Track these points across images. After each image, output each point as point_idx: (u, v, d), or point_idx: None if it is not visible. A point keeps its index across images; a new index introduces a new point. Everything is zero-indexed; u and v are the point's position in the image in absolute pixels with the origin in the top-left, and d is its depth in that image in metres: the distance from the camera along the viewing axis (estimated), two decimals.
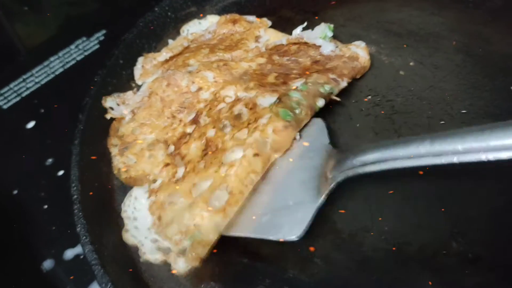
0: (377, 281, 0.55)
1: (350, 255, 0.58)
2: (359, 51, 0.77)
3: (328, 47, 0.77)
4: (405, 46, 0.78)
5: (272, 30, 0.85)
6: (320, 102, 0.70)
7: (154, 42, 0.88)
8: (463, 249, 0.55)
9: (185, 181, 0.64)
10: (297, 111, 0.67)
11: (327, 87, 0.71)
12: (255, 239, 0.60)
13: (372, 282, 0.55)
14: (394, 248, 0.57)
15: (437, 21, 0.80)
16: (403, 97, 0.71)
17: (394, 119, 0.69)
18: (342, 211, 0.62)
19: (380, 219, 0.60)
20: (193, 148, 0.68)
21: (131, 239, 0.63)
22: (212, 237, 0.59)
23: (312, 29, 0.81)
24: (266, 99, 0.69)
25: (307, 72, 0.74)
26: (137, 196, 0.68)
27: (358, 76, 0.76)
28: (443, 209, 0.59)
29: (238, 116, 0.69)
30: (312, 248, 0.59)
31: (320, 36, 0.79)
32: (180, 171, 0.67)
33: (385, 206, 0.61)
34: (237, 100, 0.71)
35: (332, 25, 0.81)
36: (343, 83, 0.73)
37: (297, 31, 0.82)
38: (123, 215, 0.66)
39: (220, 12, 0.93)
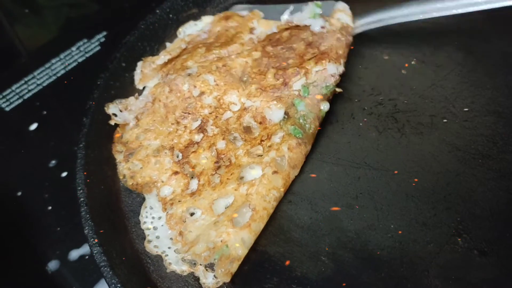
0: (384, 279, 0.56)
1: (357, 252, 0.58)
2: (346, 18, 0.79)
3: (317, 23, 0.78)
4: (406, 45, 0.79)
5: (264, 21, 0.85)
6: (325, 106, 0.71)
7: (156, 44, 0.89)
8: (468, 245, 0.56)
9: (203, 196, 0.65)
10: (306, 127, 0.69)
11: (328, 86, 0.72)
12: (262, 237, 0.61)
13: (379, 280, 0.56)
14: (400, 246, 0.58)
15: (437, 19, 0.81)
16: (405, 95, 0.72)
17: (396, 117, 0.70)
18: (348, 209, 0.62)
19: (386, 217, 0.60)
20: (204, 158, 0.69)
21: (154, 250, 0.63)
22: (241, 253, 0.59)
23: (302, 12, 0.81)
24: (274, 113, 0.70)
25: (304, 59, 0.74)
26: (152, 206, 0.68)
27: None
28: (448, 207, 0.60)
29: (247, 129, 0.70)
30: (318, 245, 0.60)
31: (310, 15, 0.79)
32: (194, 183, 0.67)
33: (391, 204, 0.61)
34: (243, 110, 0.72)
35: (319, 2, 0.81)
36: (341, 68, 0.74)
37: (285, 16, 0.82)
38: (143, 226, 0.66)
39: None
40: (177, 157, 0.71)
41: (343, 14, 0.79)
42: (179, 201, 0.66)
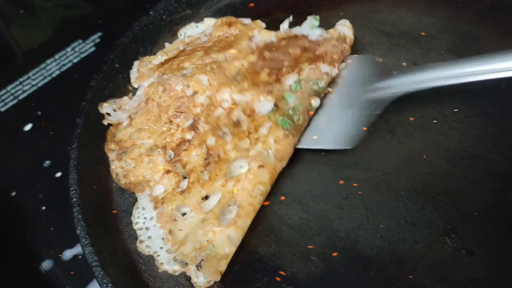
0: (373, 278, 0.56)
1: (346, 252, 0.59)
2: (345, 30, 0.79)
3: (315, 33, 0.79)
4: (398, 46, 0.79)
5: (265, 31, 0.85)
6: (315, 102, 0.71)
7: (149, 46, 0.89)
8: (457, 245, 0.57)
9: (192, 193, 0.65)
10: (295, 118, 0.69)
11: (320, 84, 0.72)
12: (253, 237, 0.62)
13: (368, 279, 0.56)
14: (389, 245, 0.58)
15: (428, 21, 0.82)
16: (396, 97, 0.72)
17: (387, 118, 0.70)
18: (339, 209, 0.63)
19: (375, 217, 0.61)
20: (194, 156, 0.69)
21: (146, 250, 0.64)
22: (229, 251, 0.60)
23: (300, 25, 0.83)
24: (263, 105, 0.70)
25: (299, 62, 0.75)
26: (144, 207, 0.68)
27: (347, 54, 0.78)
28: (436, 207, 0.60)
29: (237, 123, 0.71)
30: (309, 246, 0.60)
31: (309, 28, 0.81)
32: (184, 182, 0.68)
33: (380, 204, 0.62)
34: (234, 105, 0.73)
35: (318, 16, 0.82)
36: (335, 71, 0.74)
37: (284, 25, 0.83)
38: (135, 227, 0.66)
39: (214, 15, 0.93)
40: (170, 156, 0.71)
41: (342, 27, 0.80)
42: (169, 199, 0.66)
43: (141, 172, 0.70)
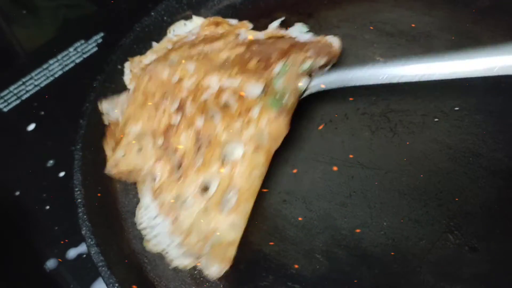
0: (377, 275, 0.57)
1: (350, 250, 0.60)
2: (333, 40, 0.79)
3: (305, 36, 0.80)
4: (398, 45, 0.79)
5: (253, 31, 0.86)
6: (304, 82, 0.72)
7: (150, 46, 0.89)
8: (460, 242, 0.57)
9: (188, 180, 0.65)
10: (284, 101, 0.69)
11: (306, 65, 0.73)
12: (257, 236, 0.63)
13: (372, 276, 0.57)
14: (393, 243, 0.59)
15: (428, 20, 0.82)
16: (397, 95, 0.73)
17: (389, 117, 0.71)
18: (342, 208, 0.63)
19: (378, 215, 0.62)
20: (184, 139, 0.68)
21: (154, 248, 0.64)
22: (234, 236, 0.60)
23: (286, 29, 0.84)
24: (252, 88, 0.69)
25: (287, 54, 0.75)
26: (146, 206, 0.68)
27: (332, 63, 0.78)
28: (439, 204, 0.61)
29: (226, 106, 0.70)
30: (313, 244, 0.61)
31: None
32: (179, 169, 0.67)
33: (383, 202, 0.63)
34: (222, 89, 0.72)
35: (307, 25, 0.84)
36: (321, 61, 0.75)
37: (274, 24, 0.84)
38: (140, 227, 0.67)
39: (215, 15, 0.93)
40: (160, 142, 0.70)
41: (331, 38, 0.80)
42: (166, 188, 0.66)
43: (131, 160, 0.70)
